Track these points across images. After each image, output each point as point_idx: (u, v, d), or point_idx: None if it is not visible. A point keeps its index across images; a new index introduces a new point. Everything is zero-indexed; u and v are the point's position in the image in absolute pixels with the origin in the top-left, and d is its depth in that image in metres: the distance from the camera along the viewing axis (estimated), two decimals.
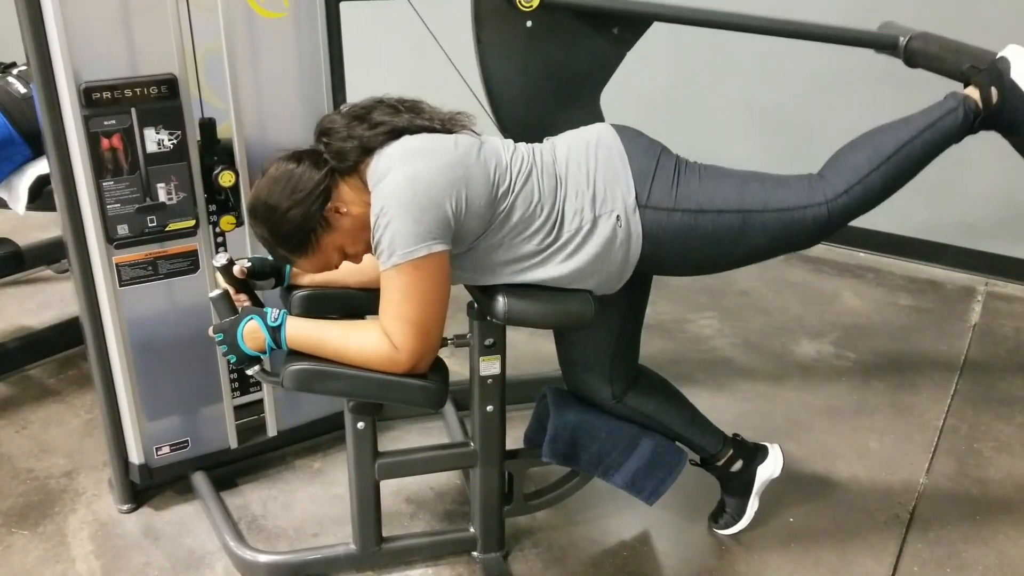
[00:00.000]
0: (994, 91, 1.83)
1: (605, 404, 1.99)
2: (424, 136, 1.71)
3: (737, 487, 2.14)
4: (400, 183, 1.61)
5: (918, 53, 2.14)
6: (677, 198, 1.76)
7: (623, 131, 1.84)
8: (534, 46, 2.18)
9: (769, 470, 2.12)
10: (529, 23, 2.17)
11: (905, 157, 1.82)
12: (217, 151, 2.02)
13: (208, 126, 2.04)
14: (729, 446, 2.12)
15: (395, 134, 1.70)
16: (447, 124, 1.75)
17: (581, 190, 1.73)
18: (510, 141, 1.81)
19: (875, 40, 2.22)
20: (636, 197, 1.74)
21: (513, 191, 1.70)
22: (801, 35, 2.31)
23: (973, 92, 1.88)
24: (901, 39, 2.16)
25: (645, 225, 1.74)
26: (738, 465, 2.12)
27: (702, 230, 1.77)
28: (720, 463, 2.11)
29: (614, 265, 1.76)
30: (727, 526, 2.17)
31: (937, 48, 2.10)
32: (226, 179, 2.02)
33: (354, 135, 1.69)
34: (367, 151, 1.69)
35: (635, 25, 2.29)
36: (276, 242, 1.72)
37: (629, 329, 1.98)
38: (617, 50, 2.29)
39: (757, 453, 2.14)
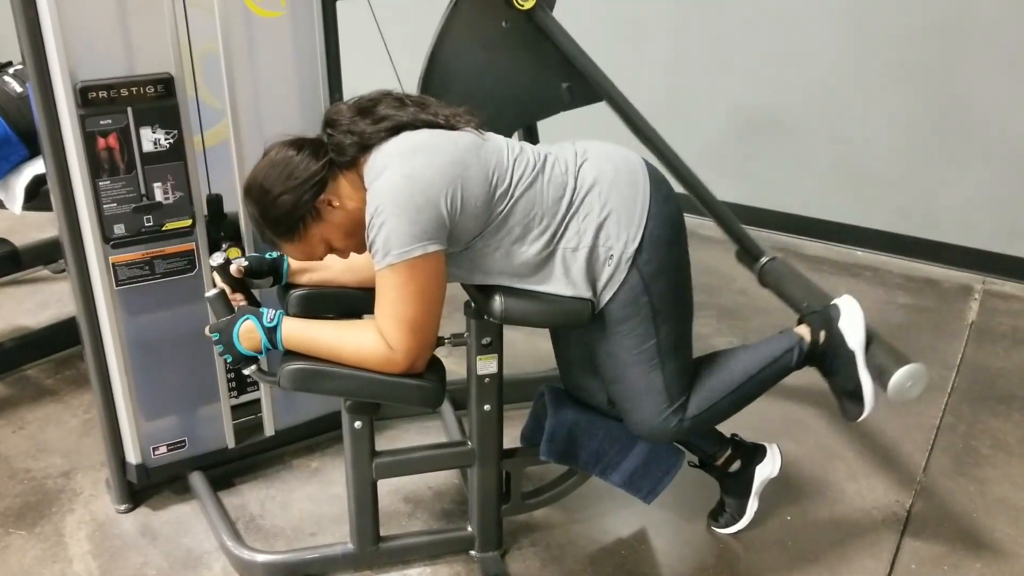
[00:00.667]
0: (822, 334, 1.96)
1: (601, 407, 1.98)
2: (424, 133, 1.70)
3: (736, 487, 2.14)
4: (396, 182, 1.60)
5: (771, 274, 2.32)
6: (659, 289, 1.76)
7: (656, 180, 1.79)
8: (495, 47, 2.17)
9: (768, 470, 2.12)
10: (506, 23, 2.15)
11: (749, 388, 1.92)
12: (224, 227, 2.03)
13: (215, 203, 2.06)
14: (727, 446, 2.12)
15: (396, 130, 1.70)
16: (451, 120, 1.74)
17: (592, 215, 1.72)
18: (516, 142, 1.79)
19: (746, 245, 2.38)
20: (636, 251, 1.72)
21: (512, 195, 1.69)
22: (706, 206, 2.41)
23: (804, 331, 1.99)
24: (764, 258, 2.33)
25: (624, 281, 1.74)
26: (736, 465, 2.12)
27: (636, 326, 1.77)
28: (719, 463, 2.11)
29: (597, 295, 1.77)
30: (727, 525, 2.17)
31: (790, 277, 2.27)
32: (232, 255, 2.02)
33: (355, 130, 1.69)
34: (366, 147, 1.69)
35: (585, 93, 2.30)
36: (265, 224, 1.72)
37: None
38: (557, 101, 2.29)
39: (755, 453, 2.13)
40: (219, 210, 2.09)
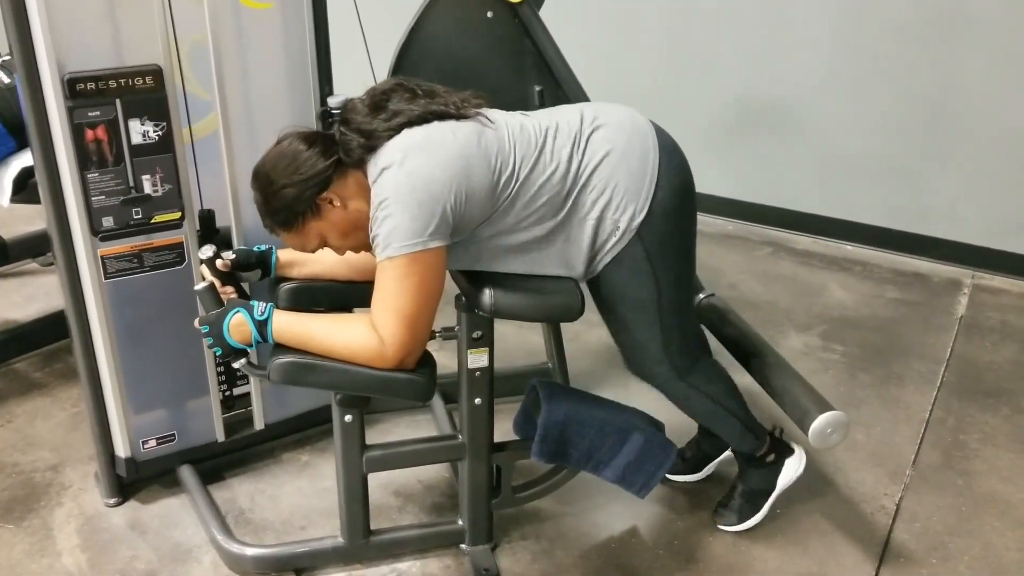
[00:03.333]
0: (771, 457, 2.15)
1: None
2: (425, 128, 1.69)
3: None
4: (399, 178, 1.61)
5: (708, 311, 2.35)
6: (662, 256, 1.79)
7: (667, 148, 1.79)
8: (475, 35, 2.16)
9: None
10: (491, 14, 2.14)
11: (722, 417, 2.03)
12: (216, 242, 2.02)
13: (207, 218, 2.06)
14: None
15: (403, 127, 1.69)
16: (461, 108, 1.73)
17: (599, 188, 1.73)
18: (517, 117, 1.77)
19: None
20: (642, 223, 1.74)
21: (517, 179, 1.69)
22: None
23: (766, 441, 2.13)
24: (701, 295, 2.36)
25: (626, 249, 1.76)
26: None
27: (638, 290, 1.81)
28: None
29: (594, 264, 1.80)
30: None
31: (729, 317, 2.30)
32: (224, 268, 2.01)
33: (366, 129, 1.68)
34: (372, 148, 1.69)
35: (556, 100, 2.30)
36: (265, 211, 1.74)
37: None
38: (526, 103, 2.29)
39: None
40: (211, 226, 2.10)
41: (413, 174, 1.61)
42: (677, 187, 1.78)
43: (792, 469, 2.14)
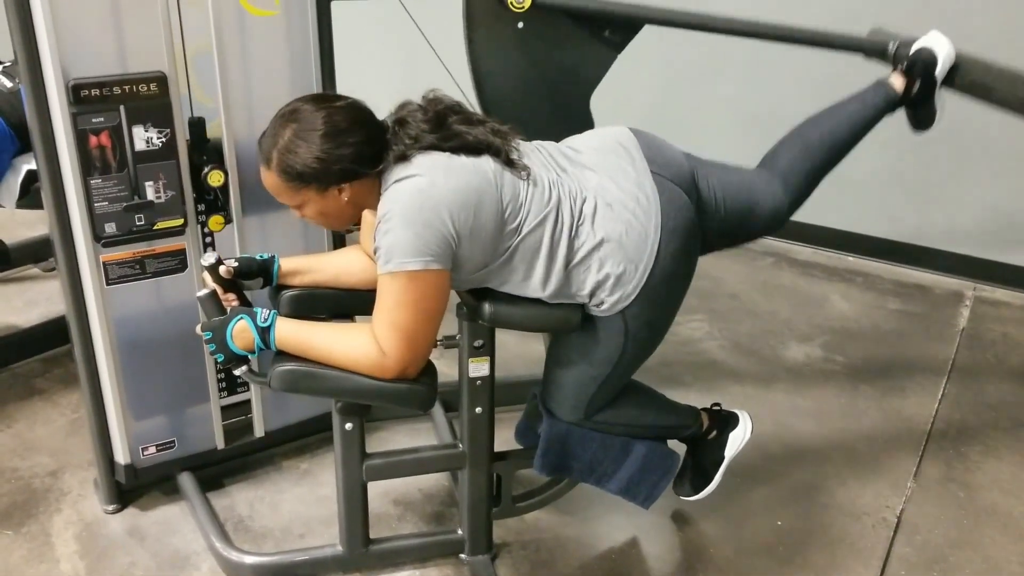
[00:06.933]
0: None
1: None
2: (448, 155, 1.67)
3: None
4: (411, 192, 1.60)
5: (902, 59, 2.32)
6: (638, 337, 1.81)
7: (671, 229, 1.75)
8: (525, 47, 2.19)
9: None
10: (521, 24, 2.17)
11: (640, 432, 2.00)
12: (206, 150, 2.01)
13: (198, 125, 2.03)
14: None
15: (442, 149, 1.67)
16: (506, 142, 1.71)
17: (593, 269, 1.72)
18: (535, 170, 1.73)
19: (863, 46, 2.37)
20: (638, 295, 1.74)
21: (520, 233, 1.68)
22: (789, 39, 2.38)
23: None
24: (891, 44, 2.30)
25: (608, 320, 1.78)
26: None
27: (600, 353, 1.82)
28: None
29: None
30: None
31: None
32: (215, 179, 2.01)
33: (422, 140, 1.66)
34: (404, 158, 1.66)
35: (626, 28, 2.30)
36: (276, 154, 1.65)
37: None
38: (608, 52, 2.30)
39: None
40: (202, 134, 2.03)
41: (424, 192, 1.60)
42: (670, 273, 1.77)
43: (737, 438, 2.12)
